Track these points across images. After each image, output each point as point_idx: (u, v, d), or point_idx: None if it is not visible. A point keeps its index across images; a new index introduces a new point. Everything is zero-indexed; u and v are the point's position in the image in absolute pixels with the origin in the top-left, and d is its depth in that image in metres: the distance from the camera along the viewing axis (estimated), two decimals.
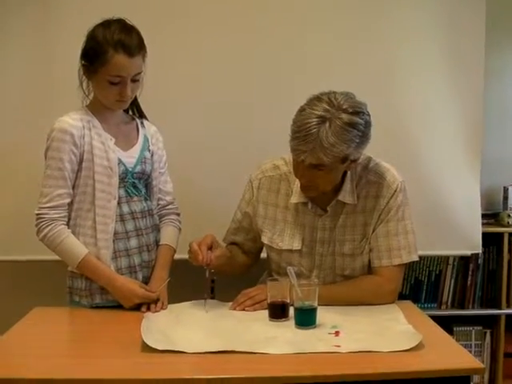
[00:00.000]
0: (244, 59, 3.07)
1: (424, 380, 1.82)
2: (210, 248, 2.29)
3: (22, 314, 2.30)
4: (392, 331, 2.07)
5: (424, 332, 2.00)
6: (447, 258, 3.46)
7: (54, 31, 2.99)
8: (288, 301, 2.17)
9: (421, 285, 3.48)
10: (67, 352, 2.00)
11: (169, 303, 2.38)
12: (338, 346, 1.93)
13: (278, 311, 2.18)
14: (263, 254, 2.60)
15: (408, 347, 1.91)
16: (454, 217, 3.22)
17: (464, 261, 3.47)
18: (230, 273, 2.53)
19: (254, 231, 2.51)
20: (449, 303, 3.49)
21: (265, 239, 2.47)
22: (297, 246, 2.41)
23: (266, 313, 2.22)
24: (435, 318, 2.25)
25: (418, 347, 1.91)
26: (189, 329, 2.12)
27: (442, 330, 2.13)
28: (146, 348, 1.91)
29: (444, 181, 3.20)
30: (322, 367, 1.83)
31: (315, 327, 2.10)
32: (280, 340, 1.99)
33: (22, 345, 2.04)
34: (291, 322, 2.14)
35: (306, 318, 2.10)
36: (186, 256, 2.32)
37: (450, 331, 3.35)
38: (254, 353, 1.90)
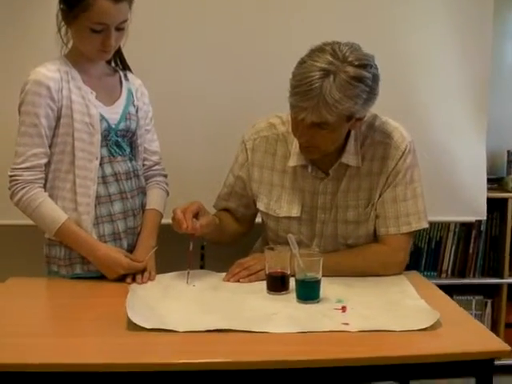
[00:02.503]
0: (237, 5, 2.87)
1: (442, 363, 1.64)
2: (196, 215, 2.12)
3: None
4: (404, 307, 1.90)
5: (438, 308, 1.82)
6: (448, 224, 3.33)
7: None
8: (288, 272, 2.00)
9: (420, 252, 3.36)
10: (44, 330, 1.79)
11: (157, 273, 2.20)
12: (346, 324, 1.75)
13: (277, 283, 2.01)
14: (257, 219, 2.43)
15: (424, 326, 1.73)
16: (458, 181, 3.08)
17: (466, 227, 3.34)
18: (220, 242, 2.38)
19: (247, 197, 2.34)
20: (449, 272, 3.38)
21: (261, 206, 2.30)
22: (296, 212, 2.24)
23: (263, 284, 2.04)
24: None
25: (434, 326, 1.73)
26: (179, 303, 1.94)
27: (458, 306, 1.96)
28: (133, 326, 1.72)
29: (448, 142, 3.04)
30: (329, 349, 1.65)
31: (319, 301, 1.93)
32: (281, 316, 1.81)
33: None
34: (292, 296, 1.96)
35: (308, 292, 1.94)
36: None
37: None
38: (253, 332, 1.71)
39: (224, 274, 2.18)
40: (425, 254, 3.35)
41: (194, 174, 2.88)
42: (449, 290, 3.18)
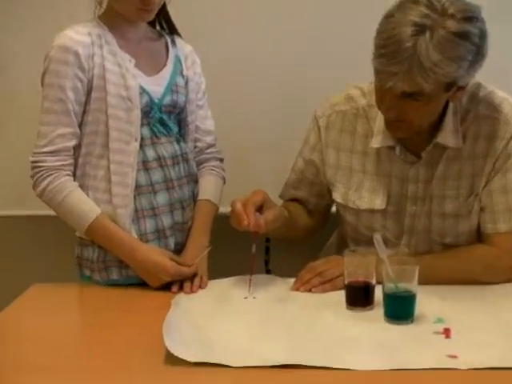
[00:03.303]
0: None
1: None
2: (260, 209, 1.81)
3: (17, 288, 1.85)
4: None
5: None
6: None
7: None
8: (373, 282, 1.65)
9: None
10: (69, 360, 1.44)
11: (209, 278, 1.89)
12: (454, 357, 1.35)
13: (359, 296, 1.66)
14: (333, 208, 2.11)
15: None
16: None
17: None
18: (288, 238, 2.07)
19: (320, 184, 2.02)
20: None
21: (337, 196, 1.97)
22: (380, 204, 1.91)
23: (341, 296, 1.68)
24: None
25: None
26: (234, 321, 1.59)
27: None
28: (172, 357, 1.35)
29: None
30: None
31: (413, 321, 1.55)
32: (364, 344, 1.44)
33: (12, 342, 1.54)
34: (379, 313, 1.59)
35: (400, 309, 1.57)
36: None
37: None
38: (329, 368, 1.33)
39: (292, 279, 1.84)
40: None
41: (255, 157, 2.57)
42: None
